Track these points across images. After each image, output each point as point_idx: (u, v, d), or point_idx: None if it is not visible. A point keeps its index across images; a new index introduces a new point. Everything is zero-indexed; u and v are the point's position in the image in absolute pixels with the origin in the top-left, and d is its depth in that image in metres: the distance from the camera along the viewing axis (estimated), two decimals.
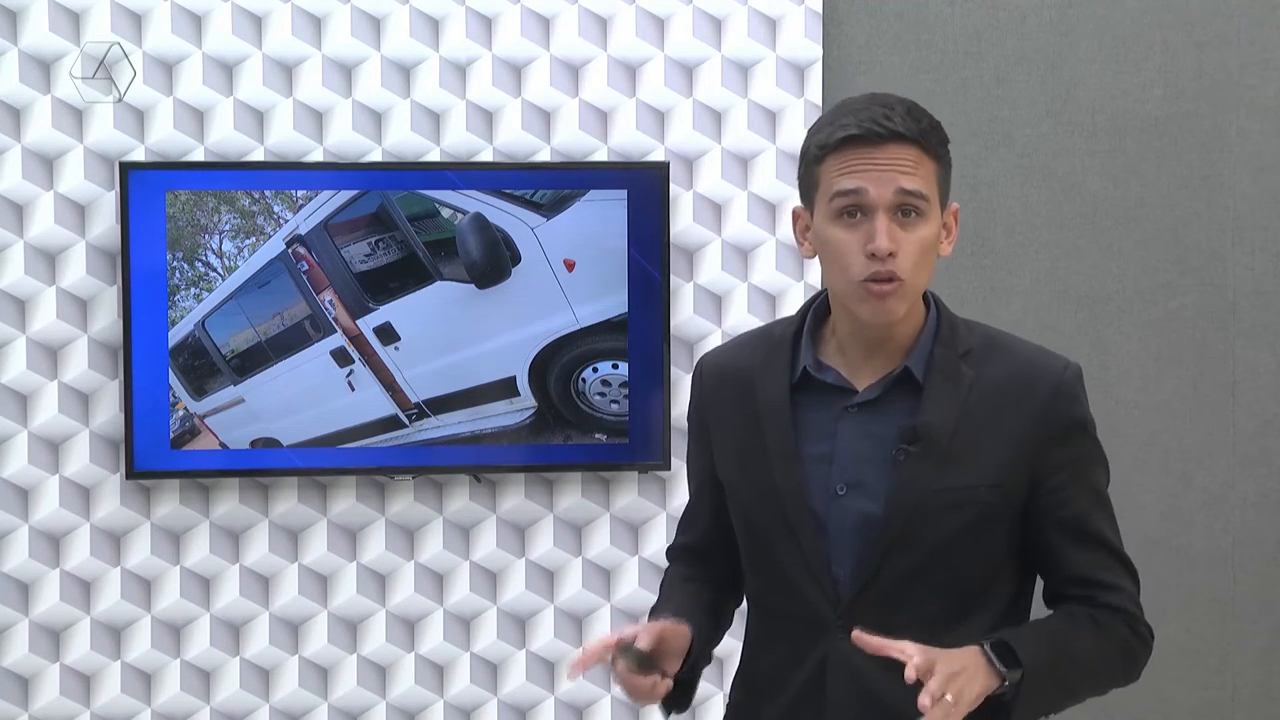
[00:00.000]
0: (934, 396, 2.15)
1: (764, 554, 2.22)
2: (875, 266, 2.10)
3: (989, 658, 2.07)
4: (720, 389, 2.29)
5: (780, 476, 2.17)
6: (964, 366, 2.18)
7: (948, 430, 2.14)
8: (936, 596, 2.15)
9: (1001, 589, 2.21)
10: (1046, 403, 2.18)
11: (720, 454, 2.28)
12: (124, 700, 3.98)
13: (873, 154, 2.12)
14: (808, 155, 2.19)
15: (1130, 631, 2.24)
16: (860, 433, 2.16)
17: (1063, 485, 2.19)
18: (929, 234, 2.14)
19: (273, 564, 4.01)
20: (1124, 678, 2.28)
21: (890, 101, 2.19)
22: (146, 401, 3.88)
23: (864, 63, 4.18)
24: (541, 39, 4.03)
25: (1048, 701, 2.17)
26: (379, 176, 3.93)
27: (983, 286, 4.23)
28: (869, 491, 2.14)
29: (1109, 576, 2.23)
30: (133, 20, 3.92)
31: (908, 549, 2.13)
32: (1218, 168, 4.27)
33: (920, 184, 2.12)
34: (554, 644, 4.06)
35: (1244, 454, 4.31)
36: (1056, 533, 2.20)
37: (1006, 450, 2.15)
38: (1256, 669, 4.32)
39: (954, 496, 2.13)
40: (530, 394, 3.98)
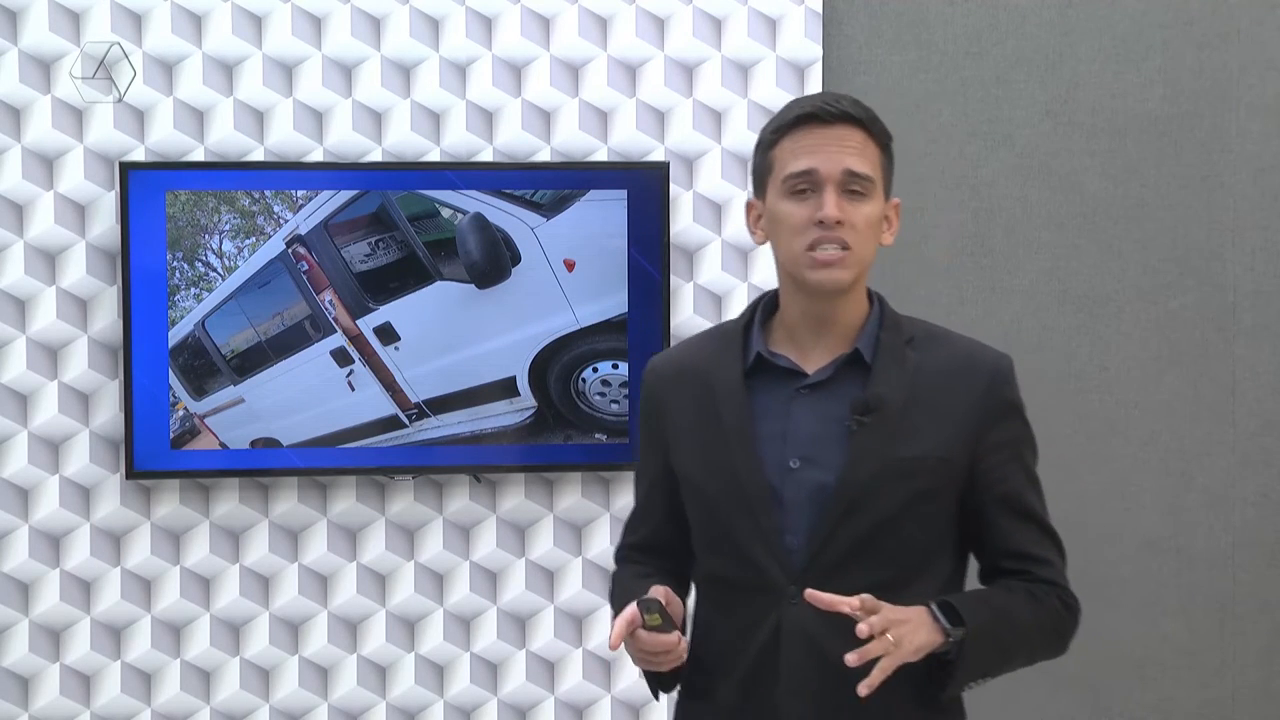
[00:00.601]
0: (882, 374, 2.30)
1: (721, 531, 2.34)
2: (824, 234, 2.25)
3: (935, 615, 2.22)
4: (673, 386, 2.42)
5: (737, 455, 2.30)
6: (908, 351, 2.33)
7: (896, 404, 2.28)
8: (883, 564, 2.27)
9: (942, 560, 2.35)
10: (986, 387, 2.33)
11: (677, 446, 2.40)
12: (124, 700, 3.98)
13: (823, 134, 2.27)
14: (762, 143, 2.34)
15: (1061, 604, 2.37)
16: (812, 411, 2.30)
17: (1001, 464, 2.33)
18: (873, 212, 2.29)
19: (273, 564, 4.01)
20: (1055, 649, 2.40)
21: (838, 94, 2.35)
22: (146, 401, 3.88)
23: (864, 63, 4.18)
24: (541, 39, 4.03)
25: (986, 664, 2.28)
26: (379, 176, 3.93)
27: (983, 286, 4.23)
28: (822, 464, 2.27)
29: (1041, 551, 2.38)
30: (133, 20, 3.92)
31: (858, 517, 2.26)
32: (1218, 168, 4.27)
33: (866, 166, 2.28)
34: (554, 644, 4.07)
35: (1244, 454, 4.31)
36: (995, 509, 2.34)
37: (950, 428, 2.30)
38: (1256, 669, 4.33)
39: (904, 466, 2.27)
40: (530, 394, 3.98)
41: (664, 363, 2.49)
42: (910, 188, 4.18)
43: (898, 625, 2.15)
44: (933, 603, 2.24)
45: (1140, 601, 4.29)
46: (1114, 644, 4.29)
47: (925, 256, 4.22)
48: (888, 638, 2.14)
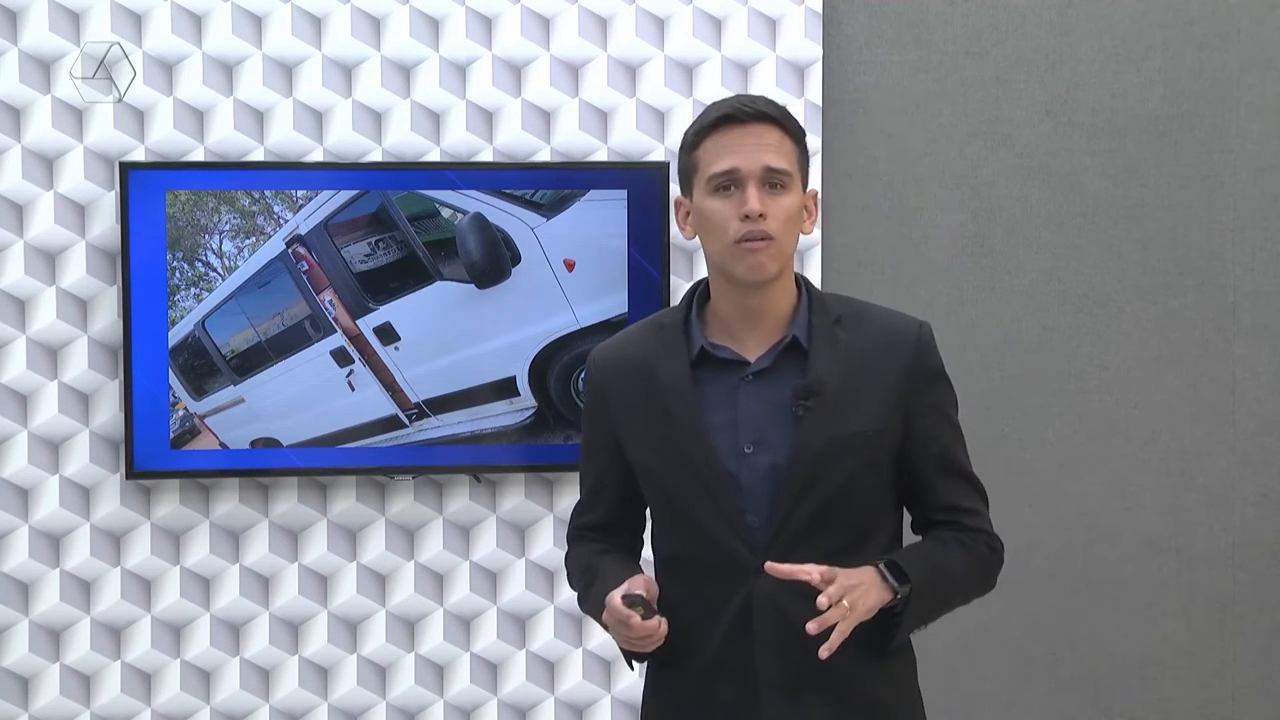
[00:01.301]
0: (819, 358, 2.47)
1: (682, 516, 2.51)
2: (749, 227, 2.41)
3: (883, 575, 2.43)
4: (620, 378, 2.57)
5: (691, 446, 2.46)
6: (838, 332, 2.50)
7: (835, 385, 2.46)
8: (837, 533, 2.47)
9: (887, 520, 2.56)
10: (910, 356, 2.51)
11: (629, 437, 2.56)
12: (124, 700, 3.98)
13: (742, 133, 2.43)
14: (686, 144, 2.50)
15: (989, 550, 2.58)
16: (758, 398, 2.47)
17: (931, 425, 2.53)
18: (792, 204, 2.45)
19: (273, 564, 4.01)
20: (984, 587, 2.62)
21: (753, 95, 2.52)
22: (146, 401, 3.88)
23: (864, 63, 4.18)
24: (541, 39, 4.03)
25: (928, 612, 2.51)
26: (379, 176, 3.93)
27: (983, 286, 4.23)
28: (773, 447, 2.45)
29: (969, 503, 2.57)
30: (133, 20, 3.92)
31: (812, 493, 2.45)
32: (1218, 168, 4.27)
33: (783, 161, 2.44)
34: (554, 644, 4.07)
35: (1244, 454, 4.31)
36: (927, 468, 2.54)
37: (883, 399, 2.48)
38: (1256, 669, 4.32)
39: (848, 442, 2.45)
40: (530, 394, 3.98)
41: (607, 354, 2.62)
42: (910, 188, 4.19)
43: (851, 591, 2.36)
44: (880, 563, 2.44)
45: (1140, 601, 4.29)
46: (1114, 644, 4.29)
47: (925, 256, 4.22)
48: (844, 604, 2.34)
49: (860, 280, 4.16)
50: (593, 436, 2.66)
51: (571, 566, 2.69)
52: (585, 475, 2.70)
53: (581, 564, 2.65)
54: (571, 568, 2.69)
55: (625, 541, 2.67)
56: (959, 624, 4.23)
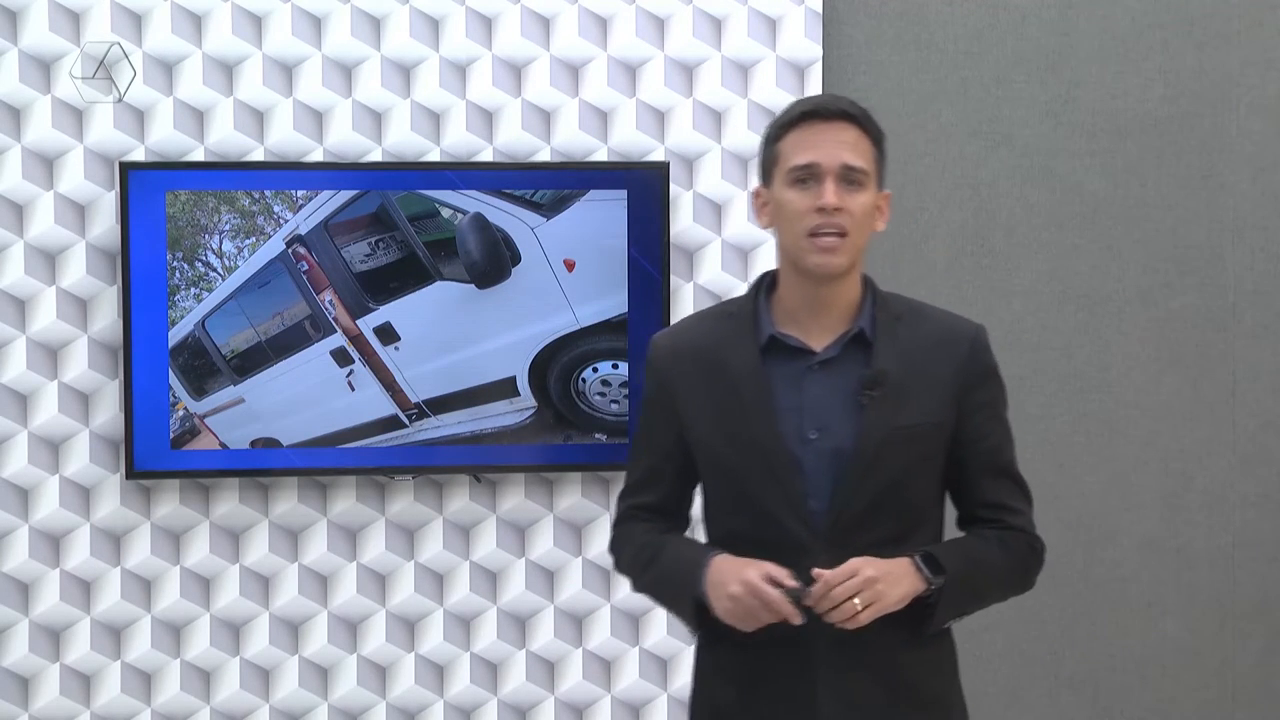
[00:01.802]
0: (883, 351, 2.57)
1: (746, 498, 2.59)
2: (823, 219, 2.50)
3: (918, 566, 2.53)
4: (684, 362, 2.64)
5: (759, 429, 2.55)
6: (899, 328, 2.60)
7: (896, 378, 2.56)
8: (892, 521, 2.56)
9: (934, 511, 2.64)
10: (967, 355, 2.62)
11: (692, 420, 2.63)
12: (124, 700, 3.98)
13: (824, 130, 2.53)
14: (769, 137, 2.60)
15: (1029, 549, 2.66)
16: (823, 386, 2.56)
17: (983, 423, 2.63)
18: (867, 201, 2.55)
19: (273, 564, 4.01)
20: (1022, 586, 2.69)
21: (837, 95, 2.65)
22: (146, 401, 3.88)
23: (864, 63, 4.18)
24: (541, 39, 4.03)
25: (962, 605, 2.60)
26: (379, 176, 3.93)
27: (983, 286, 4.23)
28: (837, 434, 2.55)
29: (1014, 502, 2.66)
30: (133, 20, 3.92)
31: (872, 479, 2.54)
32: (1218, 168, 4.27)
33: (861, 160, 2.54)
34: (554, 644, 4.07)
35: (1244, 454, 4.31)
36: (976, 464, 2.64)
37: (940, 394, 2.58)
38: (1256, 669, 4.33)
39: (908, 432, 2.56)
40: (530, 394, 3.98)
41: (670, 342, 2.70)
42: (910, 188, 4.19)
43: (873, 584, 2.46)
44: (916, 554, 2.54)
45: (1140, 601, 4.29)
46: (1114, 644, 4.29)
47: (925, 256, 4.22)
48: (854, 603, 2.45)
49: None
50: (652, 421, 2.71)
51: (624, 545, 2.75)
52: (640, 458, 2.74)
53: (639, 543, 2.71)
54: (624, 546, 2.75)
55: (676, 523, 2.74)
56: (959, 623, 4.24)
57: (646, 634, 4.07)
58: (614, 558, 2.79)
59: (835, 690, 2.56)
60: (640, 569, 2.71)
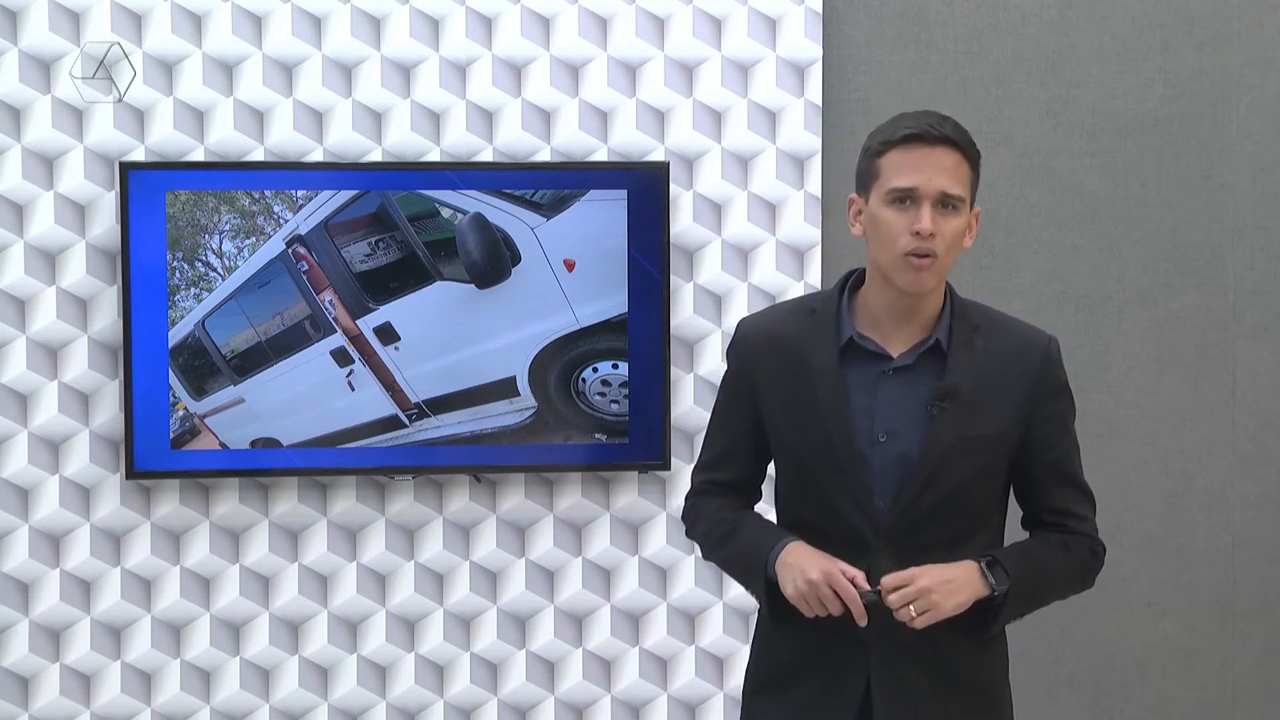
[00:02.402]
0: (957, 363, 2.67)
1: (815, 488, 2.69)
2: (917, 243, 2.59)
3: (983, 571, 2.63)
4: (766, 351, 2.75)
5: (832, 426, 2.66)
6: (975, 339, 2.69)
7: (968, 389, 2.65)
8: (952, 524, 2.66)
9: (995, 515, 2.74)
10: (1039, 368, 2.71)
11: (769, 409, 2.74)
12: (124, 700, 3.98)
13: (926, 154, 2.60)
14: (870, 150, 2.66)
15: (1090, 553, 2.77)
16: (896, 392, 2.66)
17: (1050, 434, 2.72)
18: (960, 226, 2.63)
19: (273, 564, 4.01)
20: (1082, 587, 2.80)
21: (942, 115, 2.66)
22: (146, 401, 3.88)
23: (864, 63, 4.18)
24: (541, 39, 4.03)
25: (1025, 606, 2.71)
26: (379, 176, 3.93)
27: (983, 286, 4.23)
28: (905, 439, 2.64)
29: (1078, 509, 2.76)
30: (133, 20, 3.92)
31: (935, 485, 2.64)
32: (1218, 168, 4.27)
33: (959, 187, 2.62)
34: (554, 644, 4.07)
35: (1244, 454, 4.31)
36: (1043, 472, 2.74)
37: (1009, 406, 2.68)
38: (1256, 669, 4.33)
39: (974, 444, 2.65)
40: (530, 394, 3.98)
41: (758, 330, 2.79)
42: None
43: (927, 594, 2.57)
44: (982, 560, 2.64)
45: (1140, 601, 4.29)
46: (1114, 644, 4.29)
47: None
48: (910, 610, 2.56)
49: None
50: (732, 402, 2.81)
51: (700, 516, 2.85)
52: (718, 435, 2.85)
53: (715, 517, 2.82)
54: (699, 517, 2.85)
55: (750, 501, 2.86)
56: None
57: (646, 634, 4.07)
58: (687, 525, 2.89)
59: (886, 677, 2.67)
60: (716, 542, 2.81)
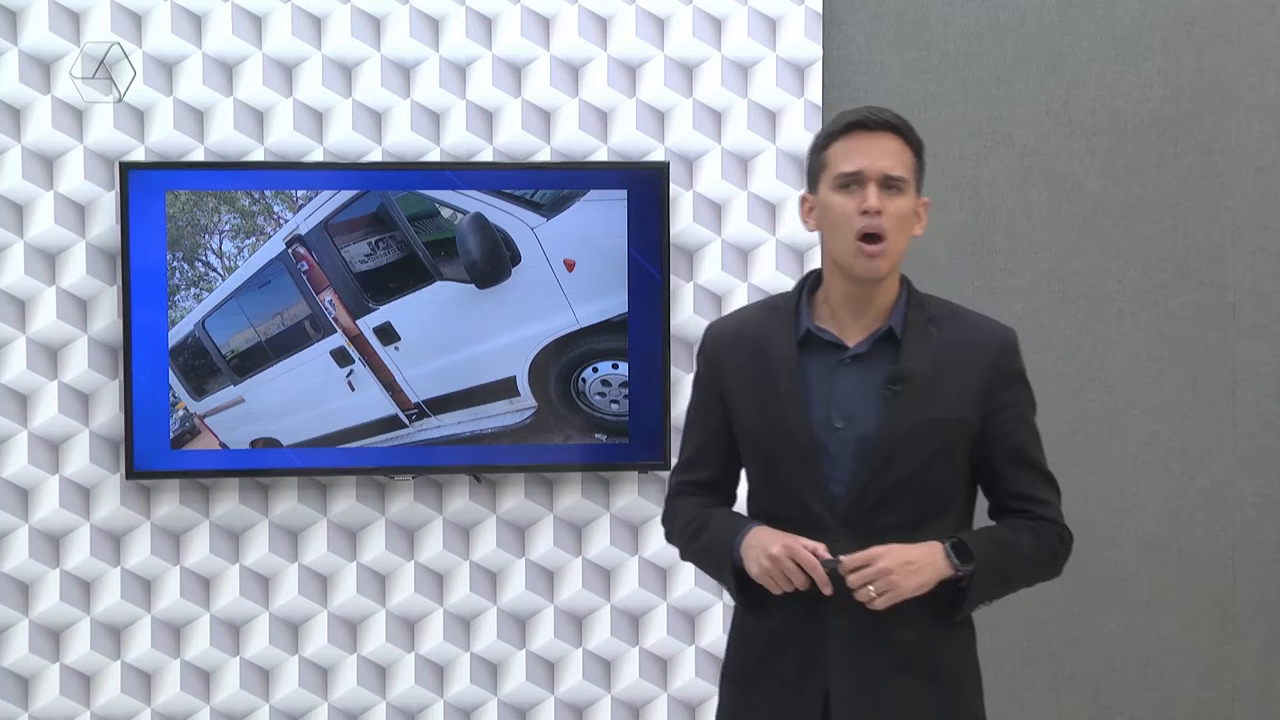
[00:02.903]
0: (911, 349, 2.74)
1: (777, 476, 2.77)
2: (866, 221, 2.68)
3: (948, 553, 2.68)
4: (732, 348, 2.83)
5: (791, 415, 2.74)
6: (931, 328, 2.76)
7: (923, 375, 2.72)
8: (910, 507, 2.72)
9: (957, 502, 2.79)
10: (996, 357, 2.77)
11: (735, 402, 2.82)
12: (124, 700, 3.98)
13: (868, 140, 2.70)
14: (816, 146, 2.78)
15: (1058, 539, 2.84)
16: (853, 380, 2.74)
17: (1007, 421, 2.77)
18: (906, 206, 2.72)
19: (273, 564, 4.01)
20: (1050, 573, 2.87)
21: (880, 107, 2.78)
22: (146, 401, 3.88)
23: (864, 63, 4.18)
24: (541, 39, 4.03)
25: (992, 589, 2.75)
26: (379, 176, 3.93)
27: (983, 286, 4.23)
28: (861, 423, 2.72)
29: (1042, 494, 2.83)
30: (133, 20, 3.92)
31: (891, 469, 2.71)
32: (1218, 168, 4.27)
33: (902, 169, 2.71)
34: (554, 644, 4.07)
35: (1244, 454, 4.31)
36: (1002, 460, 2.79)
37: (965, 393, 2.74)
38: (1256, 669, 4.33)
39: (928, 427, 2.71)
40: (530, 394, 3.98)
41: (724, 329, 2.89)
42: None
43: (887, 574, 2.63)
44: (948, 542, 2.69)
45: (1140, 601, 4.29)
46: (1114, 644, 4.29)
47: (925, 256, 4.21)
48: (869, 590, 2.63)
49: None
50: (703, 401, 2.89)
51: (675, 517, 2.93)
52: (692, 436, 2.93)
53: (688, 515, 2.89)
54: (675, 518, 2.93)
55: (724, 499, 2.93)
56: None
57: (646, 634, 4.07)
58: (665, 529, 2.96)
59: (845, 659, 2.72)
60: (689, 539, 2.88)
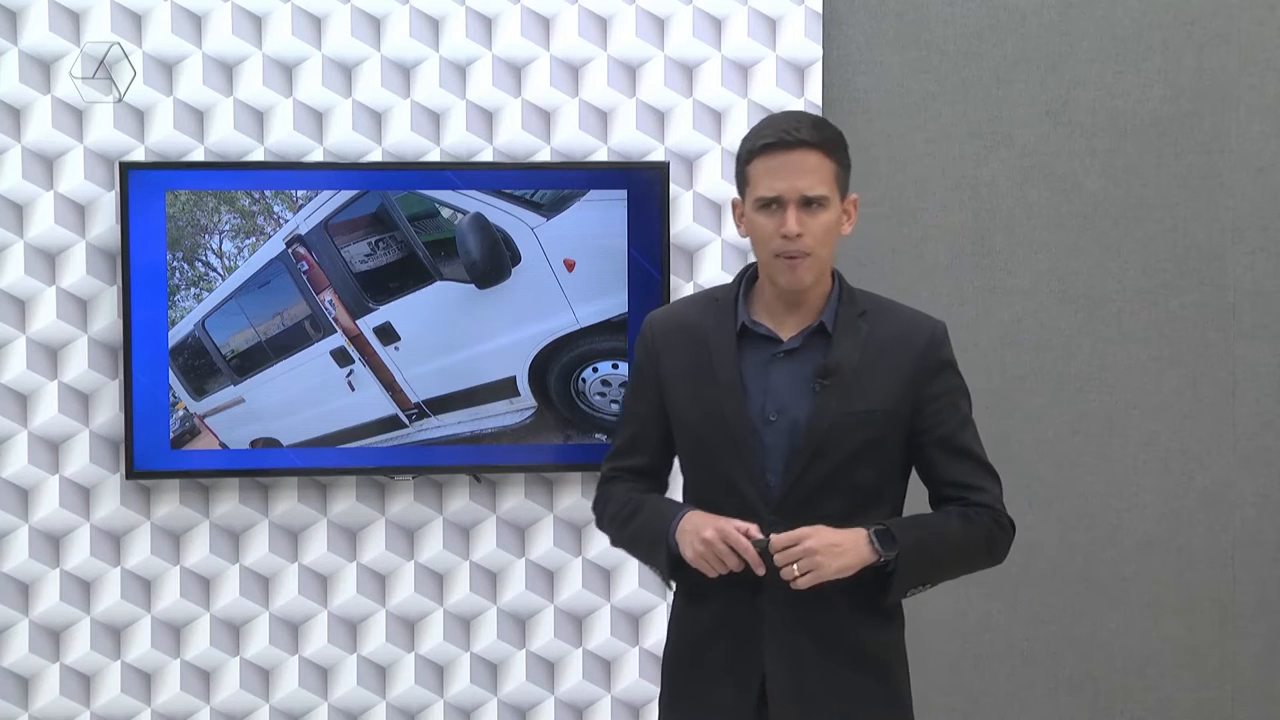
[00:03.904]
0: (841, 343, 2.79)
1: (712, 465, 2.82)
2: (786, 245, 2.74)
3: (870, 539, 2.72)
4: (671, 338, 2.87)
5: (727, 406, 2.79)
6: (862, 323, 2.81)
7: (852, 368, 2.78)
8: (842, 496, 2.77)
9: (891, 492, 2.84)
10: (924, 349, 2.82)
11: (673, 391, 2.86)
12: (124, 700, 3.98)
13: (785, 160, 2.74)
14: (741, 157, 2.81)
15: (994, 523, 2.83)
16: (786, 373, 2.80)
17: (938, 411, 2.82)
18: (829, 219, 2.76)
19: (273, 564, 4.01)
20: (988, 558, 2.87)
21: (801, 116, 2.81)
22: (146, 401, 3.88)
23: (864, 63, 4.18)
24: (541, 39, 4.03)
25: (920, 575, 2.78)
26: (379, 176, 3.93)
27: (983, 286, 4.23)
28: (793, 416, 2.77)
29: (976, 481, 2.84)
30: (133, 20, 3.92)
31: (822, 459, 2.76)
32: (1218, 168, 4.27)
33: (821, 187, 2.74)
34: (554, 644, 4.07)
35: (1244, 454, 4.31)
36: (935, 448, 2.83)
37: (895, 385, 2.79)
38: (1256, 669, 4.33)
39: (856, 418, 2.77)
40: (530, 394, 3.98)
41: (664, 318, 2.93)
42: (910, 188, 4.19)
43: (812, 554, 2.67)
44: (871, 529, 2.73)
45: (1140, 601, 4.29)
46: (1114, 644, 4.29)
47: (925, 256, 4.22)
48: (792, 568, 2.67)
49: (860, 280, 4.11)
50: (638, 391, 2.93)
51: (606, 502, 2.96)
52: (628, 423, 2.96)
53: (620, 500, 2.93)
54: (606, 503, 2.96)
55: (656, 486, 2.97)
56: (959, 624, 4.24)
57: (646, 634, 4.07)
58: (596, 515, 2.99)
59: (779, 645, 2.77)
60: (620, 524, 2.91)
